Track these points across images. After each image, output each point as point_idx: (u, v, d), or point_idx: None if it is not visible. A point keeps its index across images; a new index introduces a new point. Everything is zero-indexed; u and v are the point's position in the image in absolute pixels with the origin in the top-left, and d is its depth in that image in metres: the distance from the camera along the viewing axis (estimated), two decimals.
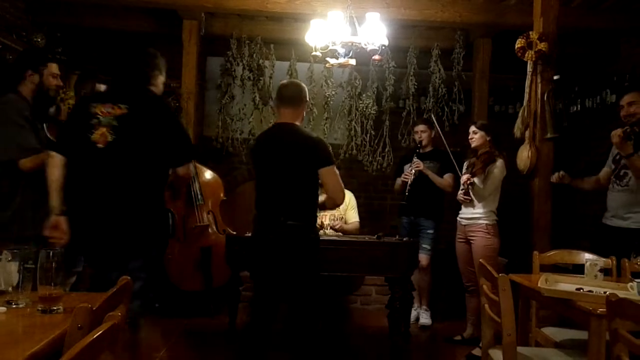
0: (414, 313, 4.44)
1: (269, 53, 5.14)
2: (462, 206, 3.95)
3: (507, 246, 4.16)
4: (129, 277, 1.71)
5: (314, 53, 3.50)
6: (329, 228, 4.31)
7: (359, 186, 5.61)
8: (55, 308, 1.68)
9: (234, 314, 3.68)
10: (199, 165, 4.42)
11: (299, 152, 2.74)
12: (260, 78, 5.12)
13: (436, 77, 5.24)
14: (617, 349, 1.67)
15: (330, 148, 2.81)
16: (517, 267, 3.84)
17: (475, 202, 3.84)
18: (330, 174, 2.75)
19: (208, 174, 4.51)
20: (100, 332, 1.22)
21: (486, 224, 3.80)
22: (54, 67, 2.98)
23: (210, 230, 4.37)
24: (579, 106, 5.40)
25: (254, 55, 5.07)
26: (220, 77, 5.19)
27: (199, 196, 4.32)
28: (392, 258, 3.48)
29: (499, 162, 3.80)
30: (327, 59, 3.58)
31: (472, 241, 3.85)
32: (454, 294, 4.42)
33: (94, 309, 1.36)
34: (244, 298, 3.80)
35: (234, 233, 4.12)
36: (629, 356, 1.64)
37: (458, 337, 4.01)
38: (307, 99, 2.94)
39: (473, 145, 3.90)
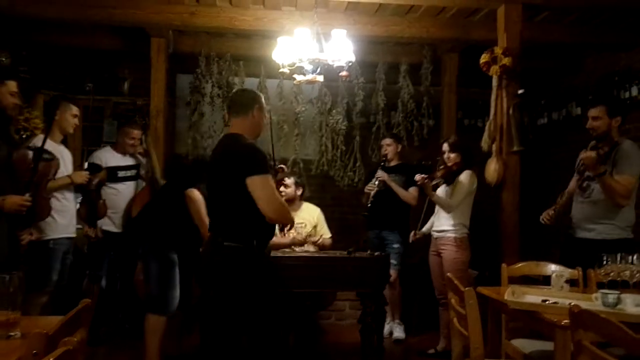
0: (387, 327, 4.41)
1: (238, 70, 5.15)
2: (435, 220, 3.98)
3: (479, 258, 4.19)
4: (89, 300, 1.68)
5: (281, 70, 3.51)
6: (309, 243, 4.19)
7: (332, 201, 5.61)
8: (12, 334, 1.65)
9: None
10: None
11: (228, 163, 2.51)
12: (230, 95, 5.10)
13: (405, 92, 5.29)
14: None
15: (264, 156, 2.51)
16: (488, 280, 3.89)
17: (444, 213, 3.86)
18: (257, 185, 2.40)
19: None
20: (52, 359, 1.20)
21: (455, 237, 3.83)
22: (12, 85, 2.95)
23: None
24: (546, 119, 5.52)
25: (223, 73, 5.07)
26: (189, 94, 5.17)
27: None
28: (363, 273, 3.47)
29: (467, 172, 3.84)
30: (295, 75, 3.58)
31: (442, 254, 3.87)
32: (427, 307, 4.42)
33: (50, 334, 1.33)
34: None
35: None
36: None
37: (432, 351, 4.01)
38: (261, 107, 2.64)
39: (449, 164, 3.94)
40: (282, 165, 3.35)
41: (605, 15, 4.59)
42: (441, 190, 3.97)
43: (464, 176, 3.84)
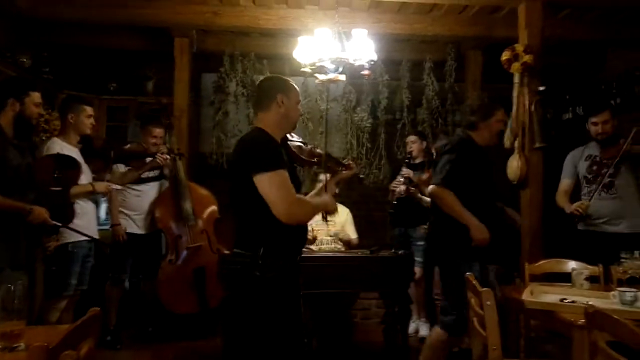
0: (412, 325, 4.44)
1: (262, 68, 5.16)
2: None
3: (504, 255, 4.17)
4: (98, 309, 1.59)
5: (303, 69, 3.56)
6: (335, 239, 4.23)
7: (359, 198, 5.64)
8: (16, 345, 1.59)
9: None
10: (191, 184, 4.34)
11: (236, 162, 2.26)
12: (254, 94, 5.14)
13: (429, 89, 5.28)
14: None
15: (274, 150, 2.18)
16: (512, 277, 3.88)
17: None
18: (263, 184, 2.10)
19: (200, 192, 4.35)
20: None
21: None
22: (36, 97, 2.99)
23: (203, 250, 4.19)
24: (570, 114, 5.44)
25: (247, 71, 5.09)
26: (213, 93, 5.21)
27: (191, 215, 4.18)
28: (386, 272, 3.48)
29: None
30: (317, 74, 3.63)
31: None
32: None
33: (51, 347, 1.26)
34: None
35: (228, 252, 4.00)
36: None
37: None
38: (287, 93, 2.27)
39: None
40: (349, 162, 2.73)
41: (626, 12, 4.56)
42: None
43: None
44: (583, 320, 1.88)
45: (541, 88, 3.76)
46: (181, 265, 4.15)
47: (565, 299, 2.30)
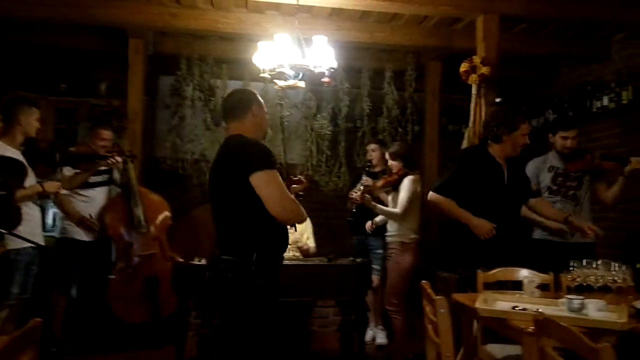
0: (370, 333, 4.44)
1: (221, 73, 5.11)
2: (387, 225, 4.05)
3: (460, 262, 4.21)
4: (39, 319, 1.47)
5: (262, 74, 3.52)
6: (294, 247, 4.19)
7: (318, 206, 5.62)
8: None
9: (181, 344, 3.52)
10: (143, 189, 4.21)
11: (228, 162, 2.26)
12: (212, 98, 5.07)
13: (389, 98, 5.34)
14: None
15: (269, 152, 2.27)
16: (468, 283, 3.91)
17: (392, 222, 3.95)
18: (262, 182, 2.14)
19: (152, 198, 4.22)
20: None
21: (402, 242, 3.89)
22: None
23: (156, 258, 4.07)
24: None
25: (205, 75, 5.03)
26: (169, 97, 5.13)
27: (143, 222, 4.05)
28: (344, 281, 3.47)
29: (409, 178, 3.90)
30: (276, 80, 3.60)
31: (389, 259, 3.97)
32: (411, 312, 4.44)
33: None
34: (194, 326, 3.62)
35: (182, 260, 3.78)
36: None
37: (410, 356, 4.02)
38: (259, 104, 2.39)
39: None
40: (301, 177, 2.90)
41: (578, 28, 4.76)
42: (390, 199, 4.02)
43: (407, 182, 3.89)
44: (533, 328, 1.91)
45: (497, 100, 3.84)
46: (132, 273, 4.02)
47: (517, 306, 2.32)
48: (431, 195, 3.13)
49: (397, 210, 3.89)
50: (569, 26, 4.73)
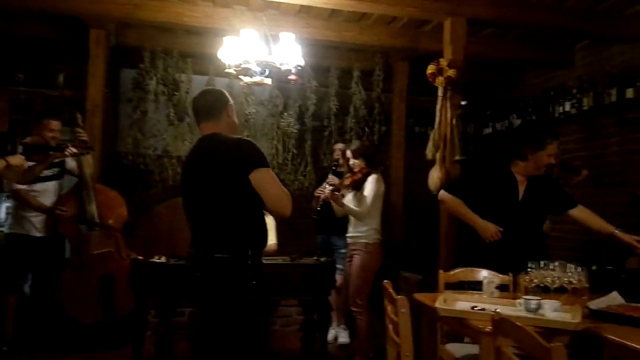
0: (332, 332, 4.43)
1: (185, 67, 5.00)
2: (349, 226, 4.04)
3: (422, 263, 4.25)
4: None
5: (227, 70, 3.46)
6: None
7: None
8: None
9: (139, 345, 3.43)
10: (98, 185, 4.07)
11: (221, 161, 2.23)
12: (176, 93, 4.95)
13: (357, 98, 5.35)
14: None
15: (262, 152, 2.30)
16: (431, 285, 3.94)
17: (355, 221, 3.94)
18: (265, 178, 2.21)
19: (108, 194, 4.10)
20: None
21: (366, 242, 3.90)
22: None
23: (111, 256, 3.97)
24: (490, 129, 5.71)
25: (169, 69, 4.91)
26: (131, 91, 4.98)
27: (96, 219, 3.92)
28: (306, 280, 3.46)
29: (372, 177, 3.91)
30: (241, 76, 3.54)
31: (351, 260, 3.95)
32: (373, 312, 4.45)
33: None
34: (151, 326, 3.55)
35: (140, 258, 3.68)
36: None
37: (371, 354, 4.03)
38: (230, 105, 2.43)
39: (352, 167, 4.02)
40: None
41: (544, 34, 4.85)
42: (349, 198, 4.01)
43: (370, 181, 3.90)
44: (490, 327, 1.92)
45: (463, 102, 3.87)
46: (86, 272, 3.90)
47: (475, 306, 2.35)
48: (441, 193, 3.27)
49: (361, 209, 3.88)
50: (535, 32, 4.81)
